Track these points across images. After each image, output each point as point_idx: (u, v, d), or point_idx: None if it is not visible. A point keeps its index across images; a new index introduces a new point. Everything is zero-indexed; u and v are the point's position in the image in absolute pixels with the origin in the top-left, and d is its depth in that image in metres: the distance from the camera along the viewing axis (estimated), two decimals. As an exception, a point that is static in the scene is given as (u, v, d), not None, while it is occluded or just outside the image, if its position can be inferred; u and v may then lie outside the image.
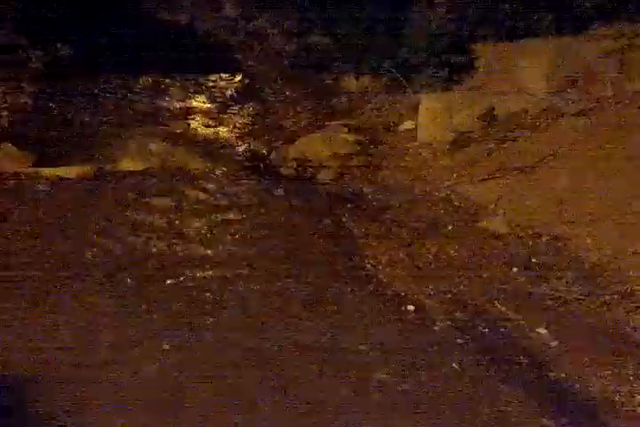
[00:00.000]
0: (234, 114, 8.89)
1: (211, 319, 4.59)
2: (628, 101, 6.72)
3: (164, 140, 7.92)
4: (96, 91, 9.02)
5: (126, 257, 5.40)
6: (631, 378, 3.97)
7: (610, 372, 4.02)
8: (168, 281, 5.07)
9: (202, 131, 8.38)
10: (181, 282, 5.09)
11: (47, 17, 9.82)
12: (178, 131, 8.33)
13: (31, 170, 6.83)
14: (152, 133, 8.10)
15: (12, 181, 6.62)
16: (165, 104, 8.93)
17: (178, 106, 8.99)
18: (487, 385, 3.95)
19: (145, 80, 9.42)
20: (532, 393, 3.86)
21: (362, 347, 4.34)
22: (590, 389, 3.90)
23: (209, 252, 5.60)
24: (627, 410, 3.75)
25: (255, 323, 4.59)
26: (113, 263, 5.28)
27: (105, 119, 8.41)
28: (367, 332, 4.52)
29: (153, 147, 7.73)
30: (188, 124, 8.54)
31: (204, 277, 5.19)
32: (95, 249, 5.48)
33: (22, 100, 8.52)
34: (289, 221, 6.28)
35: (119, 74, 9.36)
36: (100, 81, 9.35)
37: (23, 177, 6.70)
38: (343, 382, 3.96)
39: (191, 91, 9.27)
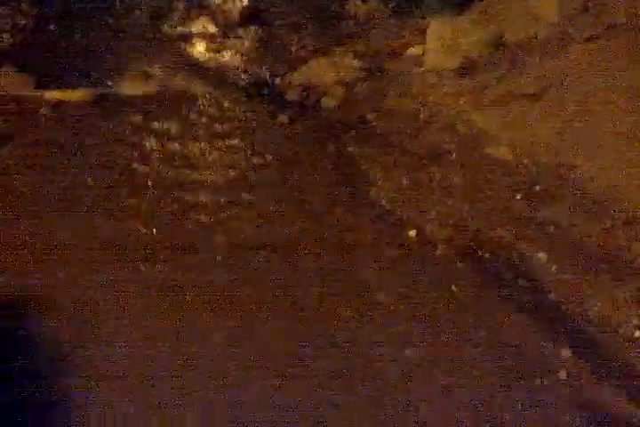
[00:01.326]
0: (237, 38, 8.70)
1: (209, 243, 4.62)
2: (639, 28, 6.55)
3: (165, 65, 7.79)
4: (97, 13, 8.81)
5: (127, 181, 5.40)
6: (628, 302, 4.02)
7: (608, 296, 4.07)
8: (168, 205, 5.08)
9: (204, 55, 8.22)
10: (181, 205, 5.11)
11: None
12: (180, 55, 8.17)
13: (32, 93, 6.74)
14: (153, 57, 7.96)
15: (13, 104, 6.55)
16: (167, 28, 8.72)
17: (179, 30, 8.79)
18: (485, 308, 4.01)
19: (146, 3, 9.19)
20: (530, 316, 3.92)
21: (364, 271, 4.38)
22: (588, 312, 3.96)
23: (210, 176, 5.58)
24: (623, 333, 3.81)
25: (254, 248, 4.62)
26: (114, 187, 5.28)
27: (106, 43, 8.25)
28: (369, 256, 4.56)
29: (154, 71, 7.61)
30: (190, 49, 8.37)
31: (205, 200, 5.20)
32: (96, 173, 5.48)
33: (22, 22, 8.34)
34: (292, 147, 6.24)
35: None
36: (101, 3, 9.13)
37: (24, 100, 6.63)
38: (344, 304, 4.03)
39: (194, 14, 9.05)
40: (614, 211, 4.88)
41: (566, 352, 3.60)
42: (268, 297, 4.10)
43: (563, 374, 3.44)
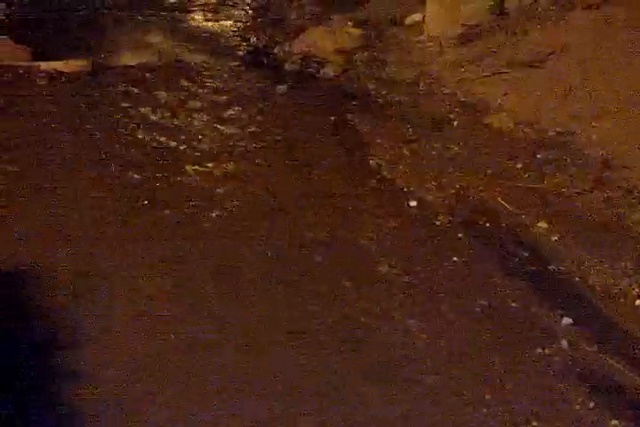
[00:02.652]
0: (236, 7, 8.63)
1: (213, 214, 4.61)
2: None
3: (163, 34, 7.73)
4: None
5: (126, 152, 5.37)
6: (630, 272, 4.03)
7: (609, 266, 4.07)
8: (169, 177, 5.07)
9: (202, 24, 8.16)
10: (184, 178, 5.09)
11: None
12: (177, 24, 8.11)
13: (29, 63, 6.69)
14: (151, 27, 7.90)
15: (10, 75, 6.50)
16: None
17: (178, -1, 8.73)
18: (486, 278, 4.02)
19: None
20: (531, 286, 3.93)
21: (364, 241, 4.38)
22: (589, 282, 3.97)
23: (210, 147, 5.56)
24: (625, 303, 3.82)
25: (256, 218, 4.62)
26: (113, 158, 5.26)
27: (102, 12, 8.18)
28: (369, 226, 4.56)
29: (152, 40, 7.55)
30: (188, 17, 8.30)
31: (206, 172, 5.19)
32: (94, 144, 5.45)
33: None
34: (292, 117, 6.20)
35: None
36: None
37: (21, 70, 6.58)
38: (344, 274, 4.03)
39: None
40: (615, 179, 4.87)
41: (567, 321, 3.61)
42: (267, 268, 4.11)
43: (564, 343, 3.45)
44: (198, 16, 8.38)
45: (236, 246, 4.28)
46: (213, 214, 4.61)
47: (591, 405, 3.12)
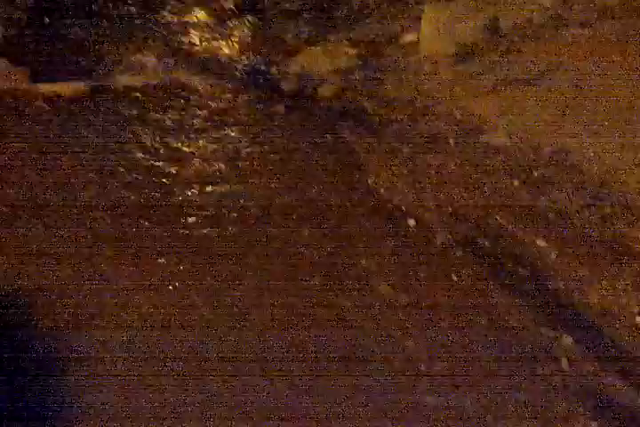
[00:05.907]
0: (232, 27, 8.67)
1: (210, 234, 4.62)
2: (634, 12, 6.53)
3: (160, 55, 7.76)
4: (91, 4, 8.77)
5: (126, 175, 5.39)
6: (629, 289, 4.02)
7: (608, 283, 4.07)
8: (168, 198, 5.08)
9: (199, 45, 8.19)
10: (180, 200, 5.10)
11: None
12: (175, 45, 8.14)
13: (27, 86, 6.72)
14: (149, 48, 7.93)
15: (7, 97, 6.53)
16: (162, 18, 8.69)
17: (174, 19, 8.75)
18: (486, 297, 4.02)
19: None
20: (531, 304, 3.93)
21: (363, 261, 4.39)
22: (589, 299, 3.96)
23: (208, 168, 5.58)
24: (625, 320, 3.82)
25: (253, 238, 4.62)
26: (112, 181, 5.28)
27: (101, 34, 8.21)
28: (368, 246, 4.56)
29: (150, 62, 7.58)
30: (185, 39, 8.33)
31: (204, 193, 5.20)
32: (93, 166, 5.47)
33: (16, 15, 8.30)
34: (289, 136, 6.22)
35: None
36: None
37: (19, 94, 6.60)
38: (344, 295, 4.03)
39: (188, 4, 9.02)
40: (613, 196, 4.88)
41: (567, 340, 3.61)
42: (267, 288, 4.11)
43: (564, 362, 3.45)
44: (195, 36, 8.41)
45: (231, 267, 4.28)
46: (208, 234, 4.62)
47: (593, 425, 3.11)
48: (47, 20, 8.39)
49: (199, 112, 6.57)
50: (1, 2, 8.46)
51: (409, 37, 7.65)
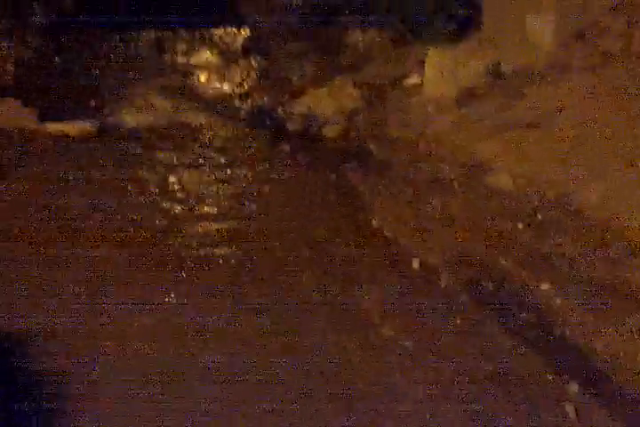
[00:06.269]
0: (239, 69, 8.81)
1: (212, 274, 4.63)
2: (635, 56, 6.61)
3: (167, 96, 7.88)
4: (100, 45, 8.93)
5: (131, 213, 5.42)
6: (635, 335, 3.99)
7: (614, 329, 4.05)
8: (173, 237, 5.10)
9: (206, 86, 8.32)
10: (187, 238, 5.13)
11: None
12: (183, 86, 8.27)
13: (35, 125, 6.80)
14: (156, 88, 8.05)
15: (16, 137, 6.60)
16: (169, 59, 8.84)
17: (182, 61, 8.91)
18: (491, 341, 4.00)
19: (149, 35, 9.31)
20: (536, 350, 3.90)
21: (367, 303, 4.38)
22: (594, 345, 3.93)
23: (214, 207, 5.62)
24: (631, 367, 3.79)
25: (258, 279, 4.63)
26: (117, 219, 5.31)
27: (109, 74, 8.35)
28: (372, 288, 4.56)
29: (156, 102, 7.69)
30: (194, 79, 8.47)
31: (209, 232, 5.22)
32: (99, 205, 5.51)
33: (26, 55, 8.44)
34: (294, 177, 6.27)
35: (124, 27, 9.26)
36: (104, 35, 9.24)
37: (27, 132, 6.68)
38: (348, 338, 4.02)
39: (196, 46, 9.18)
40: (617, 241, 4.88)
41: (573, 387, 3.58)
42: (270, 329, 4.10)
43: (570, 409, 3.42)
44: (203, 77, 8.55)
45: (235, 309, 4.28)
46: (213, 274, 4.63)
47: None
48: (57, 59, 8.54)
49: (205, 151, 6.63)
50: (12, 42, 8.61)
51: (413, 80, 7.76)
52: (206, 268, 4.75)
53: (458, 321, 4.17)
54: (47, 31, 9.00)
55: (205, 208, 5.61)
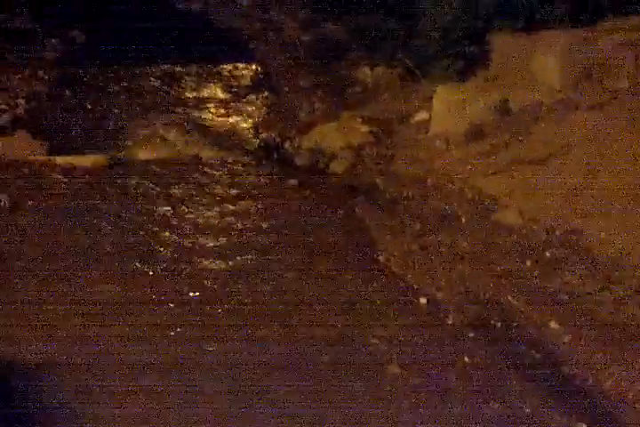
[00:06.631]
0: (248, 103, 8.89)
1: (222, 310, 4.62)
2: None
3: (177, 130, 7.95)
4: (111, 79, 9.05)
5: (140, 247, 5.44)
6: (644, 375, 3.96)
7: (623, 368, 4.00)
8: (181, 271, 5.11)
9: (216, 120, 8.39)
10: (194, 272, 5.13)
11: (62, 3, 9.86)
12: (192, 120, 8.34)
13: (45, 158, 6.85)
14: (166, 122, 8.12)
15: (25, 170, 6.65)
16: (179, 93, 8.95)
17: (192, 95, 9.01)
18: (498, 380, 3.96)
19: (159, 68, 9.45)
20: (543, 389, 3.87)
21: (374, 340, 4.35)
22: (603, 386, 3.89)
23: (221, 242, 5.62)
24: (638, 407, 3.74)
25: (262, 315, 4.61)
26: (127, 253, 5.32)
27: (119, 107, 8.44)
28: (379, 324, 4.54)
29: (166, 136, 7.75)
30: (202, 114, 8.54)
31: (217, 267, 5.22)
32: (108, 239, 5.52)
33: (37, 88, 8.55)
34: (302, 212, 6.28)
35: (134, 62, 9.40)
36: (115, 69, 9.38)
37: (37, 165, 6.73)
38: (353, 374, 3.99)
39: (205, 80, 9.30)
40: (626, 279, 4.85)
41: (582, 428, 3.54)
42: (276, 365, 4.07)
43: (579, 451, 3.39)
44: (212, 111, 8.63)
45: (240, 346, 4.25)
46: (220, 310, 4.63)
47: None
48: (68, 93, 8.64)
49: (214, 186, 6.66)
50: (22, 75, 8.74)
51: (421, 116, 7.80)
52: (213, 304, 4.73)
53: (465, 359, 4.14)
54: (58, 64, 9.14)
55: (213, 243, 5.62)
